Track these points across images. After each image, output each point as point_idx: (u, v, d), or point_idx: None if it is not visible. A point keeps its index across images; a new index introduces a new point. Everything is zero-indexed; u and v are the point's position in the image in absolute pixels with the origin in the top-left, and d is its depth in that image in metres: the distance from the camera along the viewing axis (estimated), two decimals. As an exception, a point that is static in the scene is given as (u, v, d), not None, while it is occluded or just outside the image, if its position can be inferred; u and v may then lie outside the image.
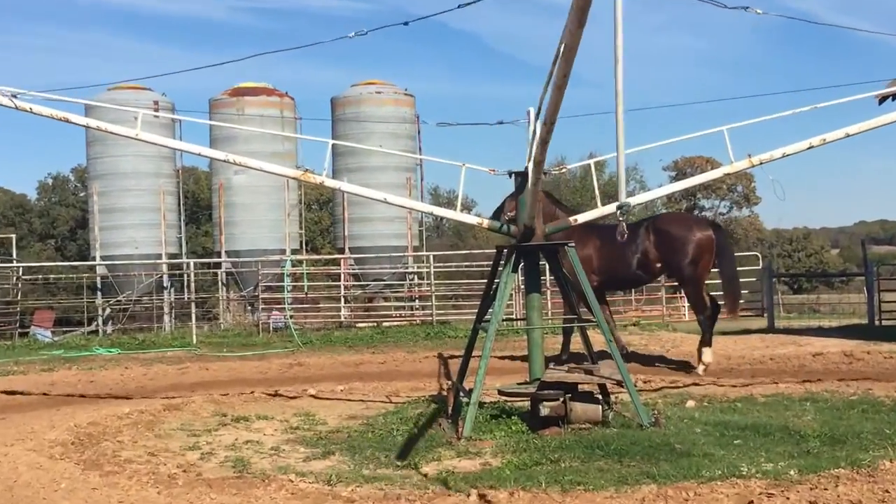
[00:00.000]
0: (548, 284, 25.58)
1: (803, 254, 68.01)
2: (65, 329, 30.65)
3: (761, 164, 11.25)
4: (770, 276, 27.36)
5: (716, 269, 16.34)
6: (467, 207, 59.25)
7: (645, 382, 13.76)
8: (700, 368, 15.21)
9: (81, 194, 67.91)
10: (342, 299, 31.67)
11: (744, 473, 7.59)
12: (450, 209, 15.16)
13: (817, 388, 12.71)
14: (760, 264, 30.77)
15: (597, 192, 11.28)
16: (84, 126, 12.92)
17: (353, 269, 32.42)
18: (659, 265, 15.76)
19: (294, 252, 32.67)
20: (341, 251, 33.38)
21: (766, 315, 25.87)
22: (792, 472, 7.59)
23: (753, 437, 9.12)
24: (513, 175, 10.82)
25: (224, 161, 11.23)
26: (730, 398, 11.94)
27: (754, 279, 29.98)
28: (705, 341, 15.49)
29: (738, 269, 17.87)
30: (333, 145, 11.90)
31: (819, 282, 55.02)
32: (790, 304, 35.29)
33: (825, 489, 7.07)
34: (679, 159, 64.29)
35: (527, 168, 10.51)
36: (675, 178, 58.67)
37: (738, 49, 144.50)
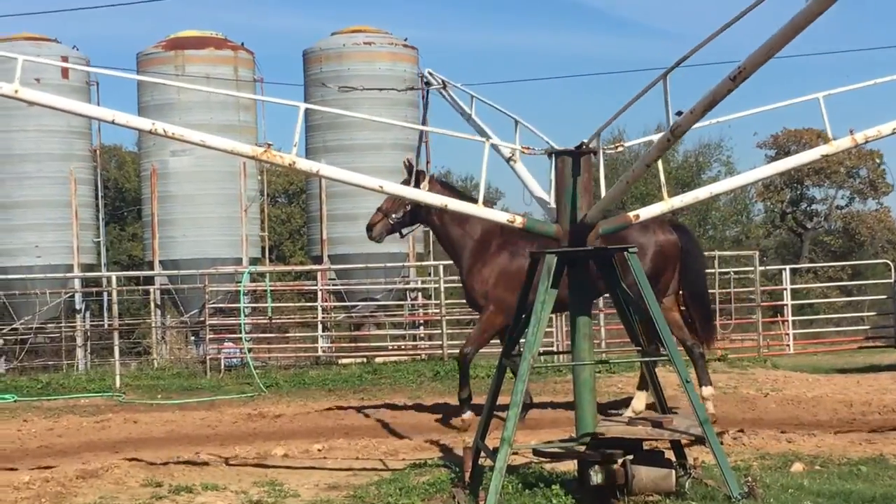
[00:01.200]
0: (601, 305, 25.57)
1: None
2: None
3: (867, 141, 11.10)
4: (906, 292, 27.32)
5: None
6: (491, 200, 59.04)
7: (735, 439, 13.73)
8: (629, 410, 15.76)
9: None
10: (319, 326, 31.64)
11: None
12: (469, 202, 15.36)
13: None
14: (894, 275, 30.60)
15: (662, 177, 11.09)
16: None
17: (335, 286, 32.45)
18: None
19: (254, 262, 32.70)
20: (318, 260, 33.45)
21: (900, 345, 25.83)
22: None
23: (884, 513, 9.08)
24: (553, 155, 10.75)
25: (152, 133, 11.02)
26: (851, 459, 11.89)
27: (885, 296, 29.90)
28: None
29: (864, 281, 17.91)
30: (306, 111, 11.74)
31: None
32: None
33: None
34: (780, 132, 63.88)
35: (582, 145, 10.50)
36: (775, 158, 58.44)
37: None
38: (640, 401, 15.99)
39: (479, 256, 15.91)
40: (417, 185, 15.04)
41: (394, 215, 16.16)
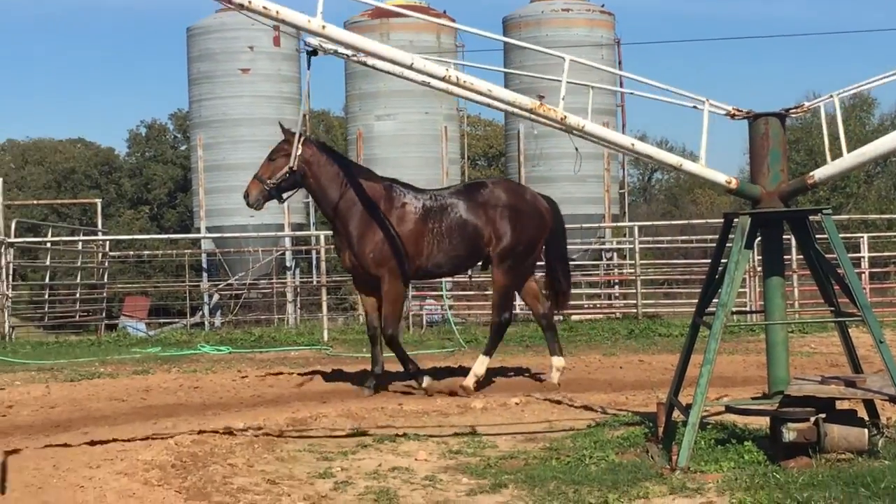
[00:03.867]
0: (794, 266, 25.14)
1: None
2: (162, 321, 31.65)
3: None
4: None
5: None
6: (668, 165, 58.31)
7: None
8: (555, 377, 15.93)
9: (182, 148, 69.99)
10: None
11: None
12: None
13: None
14: None
15: (843, 139, 10.73)
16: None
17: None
18: (490, 247, 15.75)
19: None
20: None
21: None
22: None
23: None
24: (755, 118, 10.53)
25: (445, 80, 10.37)
26: None
27: None
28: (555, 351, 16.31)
29: None
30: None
31: None
32: None
33: None
34: None
35: (782, 111, 10.33)
36: None
37: None
38: (557, 369, 16.07)
39: (369, 222, 15.21)
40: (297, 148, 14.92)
41: (269, 181, 15.15)
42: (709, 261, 11.91)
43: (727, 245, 10.87)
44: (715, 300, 10.64)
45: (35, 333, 30.64)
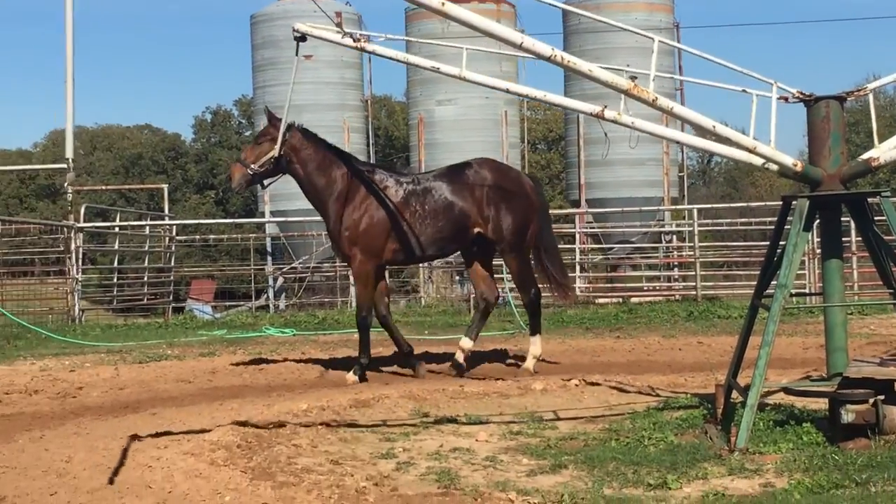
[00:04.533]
0: (853, 248, 24.95)
1: None
2: (228, 303, 31.86)
3: None
4: None
5: None
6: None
7: None
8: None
9: (247, 133, 70.36)
10: (577, 267, 31.65)
11: None
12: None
13: None
14: None
15: (874, 125, 10.71)
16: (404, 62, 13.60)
17: (592, 229, 32.40)
18: (478, 229, 15.62)
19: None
20: (576, 204, 33.50)
21: None
22: None
23: None
24: (814, 101, 10.44)
25: (551, 60, 10.40)
26: None
27: None
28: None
29: None
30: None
31: None
32: None
33: None
34: None
35: (841, 94, 10.26)
36: None
37: None
38: (536, 346, 15.97)
39: (346, 205, 15.11)
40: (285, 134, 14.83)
41: (253, 166, 14.98)
42: (767, 243, 11.84)
43: (786, 227, 10.81)
44: (774, 282, 10.59)
45: (104, 316, 30.92)
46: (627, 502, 7.95)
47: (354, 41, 13.33)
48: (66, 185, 29.91)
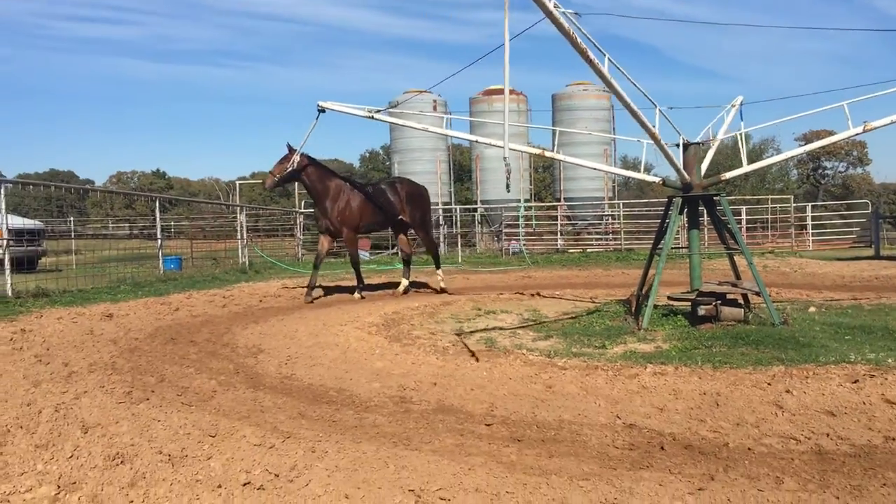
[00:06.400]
0: (704, 223, 24.53)
1: (905, 201, 62.15)
2: (376, 251, 32.03)
3: (872, 129, 10.09)
4: (877, 218, 25.40)
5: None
6: (647, 169, 57.23)
7: (776, 293, 13.02)
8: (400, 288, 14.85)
9: (387, 163, 70.33)
10: (559, 233, 31.48)
11: (852, 360, 7.09)
12: (635, 171, 14.75)
13: (913, 300, 11.62)
14: (870, 209, 28.33)
15: (744, 156, 10.59)
16: (396, 123, 12.98)
17: (567, 213, 32.14)
18: (401, 216, 14.70)
19: (526, 201, 32.67)
20: (558, 200, 33.14)
21: (872, 246, 23.91)
22: (890, 360, 7.03)
23: (860, 334, 8.46)
24: (683, 146, 10.24)
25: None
26: (843, 306, 11.10)
27: (865, 220, 27.79)
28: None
29: (855, 212, 16.55)
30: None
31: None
32: (892, 238, 32.37)
33: (916, 374, 6.51)
34: (808, 132, 59.86)
35: (699, 142, 10.11)
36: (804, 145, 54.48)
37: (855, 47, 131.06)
38: (403, 285, 14.92)
39: (335, 201, 13.94)
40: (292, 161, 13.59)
41: (278, 176, 13.63)
42: (659, 221, 11.66)
43: (669, 212, 10.67)
44: (662, 241, 10.47)
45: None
46: (584, 355, 7.93)
47: (368, 111, 11.89)
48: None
